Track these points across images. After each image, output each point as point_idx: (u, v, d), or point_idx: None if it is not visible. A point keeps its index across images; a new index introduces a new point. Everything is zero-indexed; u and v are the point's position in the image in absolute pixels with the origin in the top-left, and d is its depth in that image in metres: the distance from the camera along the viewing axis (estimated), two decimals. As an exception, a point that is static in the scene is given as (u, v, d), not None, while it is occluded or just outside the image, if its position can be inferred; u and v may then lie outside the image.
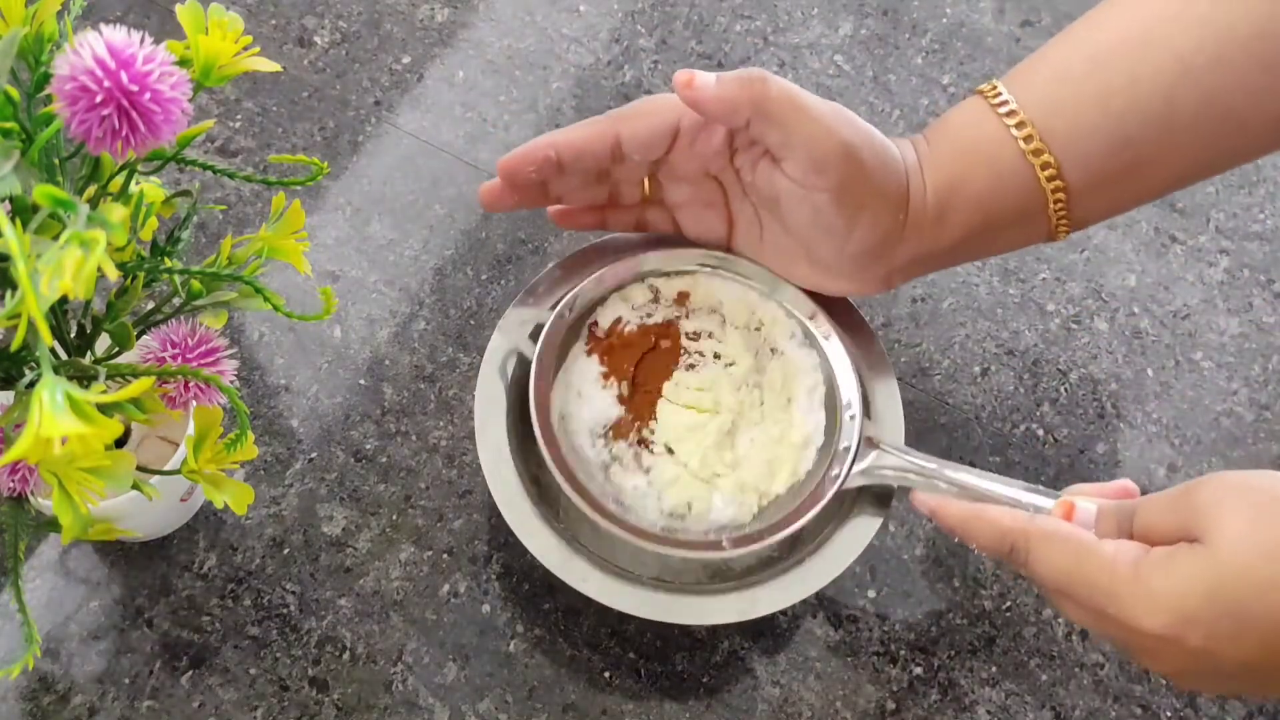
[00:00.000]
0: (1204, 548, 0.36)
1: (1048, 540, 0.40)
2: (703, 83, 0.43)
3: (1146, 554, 0.38)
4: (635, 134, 0.46)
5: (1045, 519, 0.41)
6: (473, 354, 0.60)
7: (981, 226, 0.47)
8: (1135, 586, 0.37)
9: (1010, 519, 0.42)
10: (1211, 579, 0.36)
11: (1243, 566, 0.35)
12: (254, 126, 0.67)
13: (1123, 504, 0.41)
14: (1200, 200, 0.66)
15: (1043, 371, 0.61)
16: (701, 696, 0.52)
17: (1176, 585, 0.36)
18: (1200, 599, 0.36)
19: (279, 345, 0.60)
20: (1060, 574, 0.39)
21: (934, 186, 0.46)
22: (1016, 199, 0.46)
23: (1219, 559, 0.36)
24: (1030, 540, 0.40)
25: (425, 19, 0.71)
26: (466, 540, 0.55)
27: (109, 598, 0.53)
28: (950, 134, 0.47)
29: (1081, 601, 0.39)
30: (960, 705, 0.52)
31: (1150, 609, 0.37)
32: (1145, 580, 0.37)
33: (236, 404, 0.41)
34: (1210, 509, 0.37)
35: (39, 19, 0.38)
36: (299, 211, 0.45)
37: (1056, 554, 0.40)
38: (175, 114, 0.35)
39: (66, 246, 0.31)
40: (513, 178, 0.48)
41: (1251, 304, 0.63)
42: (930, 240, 0.47)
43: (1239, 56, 0.42)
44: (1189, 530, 0.37)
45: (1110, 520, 0.41)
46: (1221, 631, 0.36)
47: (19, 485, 0.41)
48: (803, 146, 0.44)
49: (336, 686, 0.51)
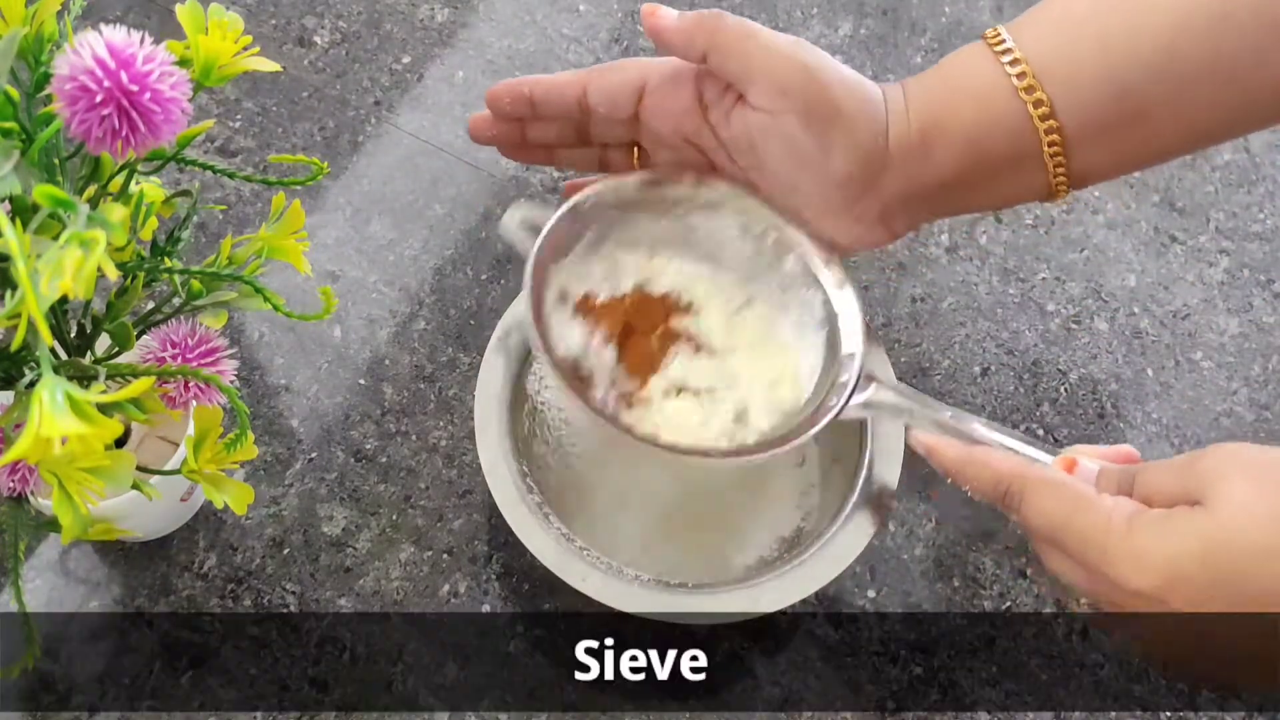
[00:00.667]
0: (1203, 510, 0.35)
1: (1044, 487, 0.39)
2: (665, 14, 0.46)
3: (1143, 512, 0.37)
4: (601, 86, 0.48)
5: (1044, 467, 0.41)
6: (473, 354, 0.60)
7: (972, 165, 0.46)
8: (1127, 541, 0.36)
9: (1008, 463, 0.41)
10: (1207, 541, 0.35)
11: (1241, 531, 0.35)
12: (254, 126, 0.67)
13: (1126, 467, 0.40)
14: (1200, 200, 0.66)
15: (1043, 371, 0.61)
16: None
17: (1170, 545, 0.35)
18: (1193, 560, 0.35)
19: (279, 345, 0.60)
20: (1053, 522, 0.39)
21: (918, 114, 0.46)
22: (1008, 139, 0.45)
23: (1218, 522, 0.35)
24: (1026, 485, 0.40)
25: (425, 19, 0.71)
26: (466, 540, 0.55)
27: (109, 598, 0.53)
28: (942, 71, 0.47)
29: (1071, 552, 0.38)
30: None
31: (1140, 566, 0.36)
32: (1138, 536, 0.36)
33: (236, 404, 0.41)
34: (1214, 474, 0.36)
35: (39, 19, 0.38)
36: (299, 211, 0.45)
37: (1051, 501, 0.39)
38: (175, 114, 0.35)
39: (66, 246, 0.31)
40: (493, 105, 0.49)
41: (1251, 304, 0.63)
42: (917, 172, 0.46)
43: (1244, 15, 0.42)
44: (1190, 495, 0.36)
45: (1111, 481, 0.40)
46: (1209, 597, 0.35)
47: (19, 485, 0.41)
48: (762, 71, 0.45)
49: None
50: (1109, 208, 0.66)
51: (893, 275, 0.63)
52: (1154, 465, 0.39)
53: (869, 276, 0.63)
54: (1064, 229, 0.65)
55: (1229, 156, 0.67)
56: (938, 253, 0.64)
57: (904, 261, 0.63)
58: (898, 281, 0.63)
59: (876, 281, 0.63)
